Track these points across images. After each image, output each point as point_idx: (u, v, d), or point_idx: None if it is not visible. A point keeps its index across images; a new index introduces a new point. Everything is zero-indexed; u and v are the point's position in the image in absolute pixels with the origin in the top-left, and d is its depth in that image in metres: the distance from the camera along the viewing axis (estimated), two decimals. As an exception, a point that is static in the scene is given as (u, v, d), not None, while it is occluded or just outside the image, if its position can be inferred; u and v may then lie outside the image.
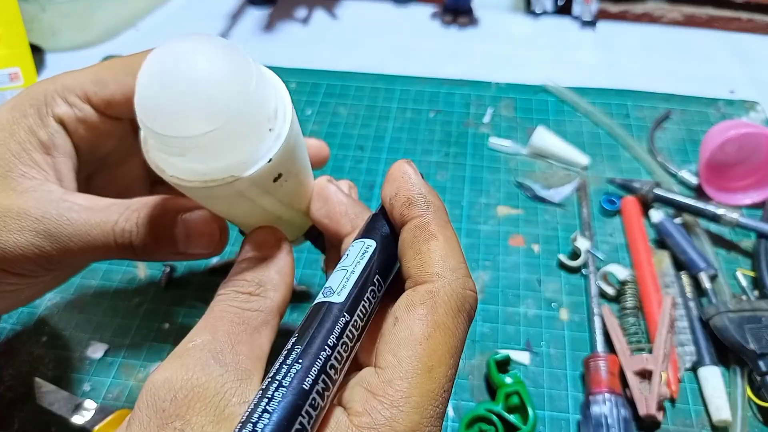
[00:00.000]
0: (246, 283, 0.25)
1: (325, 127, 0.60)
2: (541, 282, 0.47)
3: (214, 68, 0.22)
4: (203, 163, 0.23)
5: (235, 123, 0.22)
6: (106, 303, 0.45)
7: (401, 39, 0.72)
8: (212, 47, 0.22)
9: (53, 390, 0.39)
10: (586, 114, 0.60)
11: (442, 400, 0.21)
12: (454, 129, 0.59)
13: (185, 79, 0.21)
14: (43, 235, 0.27)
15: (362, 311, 0.23)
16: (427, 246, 0.23)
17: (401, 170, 0.25)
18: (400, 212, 0.24)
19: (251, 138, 0.23)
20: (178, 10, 0.77)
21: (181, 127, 0.22)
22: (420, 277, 0.23)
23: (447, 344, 0.22)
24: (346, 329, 0.22)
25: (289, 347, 0.21)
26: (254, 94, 0.22)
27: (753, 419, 0.39)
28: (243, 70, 0.22)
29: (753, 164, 0.52)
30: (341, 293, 0.22)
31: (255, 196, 0.25)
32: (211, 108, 0.21)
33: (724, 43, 0.71)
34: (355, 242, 0.25)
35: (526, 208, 0.52)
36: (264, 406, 0.19)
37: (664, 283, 0.45)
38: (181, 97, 0.21)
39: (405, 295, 0.23)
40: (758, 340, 0.39)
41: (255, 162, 0.23)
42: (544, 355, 0.42)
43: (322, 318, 0.22)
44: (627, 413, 0.37)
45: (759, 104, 0.61)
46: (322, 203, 0.28)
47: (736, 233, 0.49)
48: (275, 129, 0.24)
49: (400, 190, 0.25)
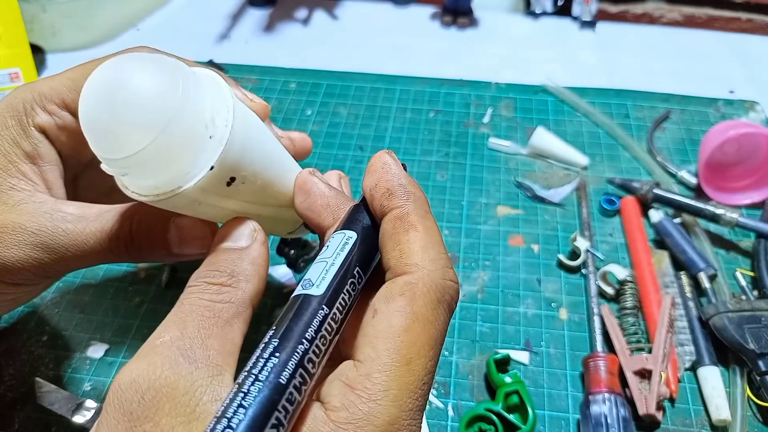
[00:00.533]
0: (217, 274, 0.24)
1: (325, 127, 0.60)
2: (540, 282, 0.47)
3: (138, 85, 0.22)
4: (149, 178, 0.23)
5: (168, 136, 0.22)
6: (107, 303, 0.45)
7: (401, 40, 0.72)
8: (137, 64, 0.22)
9: (54, 390, 0.39)
10: (585, 114, 0.61)
11: (421, 393, 0.21)
12: (454, 129, 0.60)
13: (113, 100, 0.22)
14: (41, 247, 0.27)
15: (341, 304, 0.22)
16: (407, 237, 0.23)
17: (381, 161, 0.25)
18: (380, 203, 0.24)
19: (190, 147, 0.23)
20: (179, 11, 0.77)
21: (116, 148, 0.22)
22: (399, 268, 0.22)
23: (426, 336, 0.21)
24: (324, 322, 0.21)
25: (266, 340, 0.21)
26: (184, 104, 0.22)
27: (752, 419, 0.39)
28: (168, 82, 0.22)
29: (752, 164, 0.52)
30: (320, 285, 0.22)
31: (215, 202, 0.25)
32: (140, 125, 0.22)
33: (724, 44, 0.71)
34: (335, 234, 0.24)
35: (525, 208, 0.52)
36: (239, 400, 0.19)
37: (664, 283, 0.45)
38: (111, 119, 0.22)
39: (384, 287, 0.23)
40: (757, 340, 0.39)
41: (198, 171, 0.23)
42: (543, 355, 0.42)
43: (300, 310, 0.21)
44: (626, 413, 0.37)
45: (758, 104, 0.61)
46: (304, 196, 0.28)
47: (735, 233, 0.49)
48: (215, 135, 0.24)
49: (380, 181, 0.25)
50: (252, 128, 0.26)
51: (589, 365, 0.39)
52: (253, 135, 0.26)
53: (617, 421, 0.36)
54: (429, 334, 0.21)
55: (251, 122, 0.26)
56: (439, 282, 0.22)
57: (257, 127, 0.27)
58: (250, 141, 0.26)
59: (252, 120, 0.26)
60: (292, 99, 0.63)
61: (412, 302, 0.21)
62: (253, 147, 0.26)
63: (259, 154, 0.27)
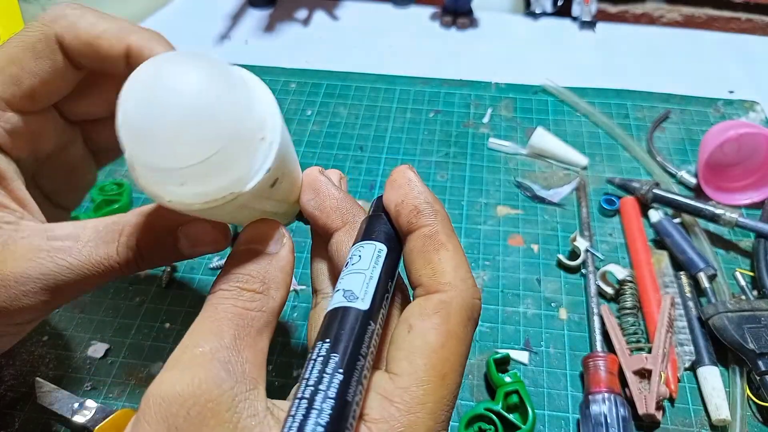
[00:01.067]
0: (251, 279, 0.24)
1: (325, 127, 0.60)
2: (540, 282, 0.47)
3: (202, 91, 0.20)
4: (202, 186, 0.22)
5: (232, 143, 0.21)
6: (107, 302, 0.45)
7: (401, 40, 0.72)
8: (195, 67, 0.21)
9: (54, 389, 0.39)
10: (585, 114, 0.61)
11: (452, 405, 0.22)
12: (453, 129, 0.60)
13: (175, 106, 0.20)
14: (48, 290, 0.26)
15: (382, 317, 0.23)
16: (438, 255, 0.23)
17: (406, 177, 0.25)
18: (408, 220, 0.25)
19: (247, 152, 0.23)
20: (180, 11, 0.77)
21: (177, 158, 0.21)
22: (432, 286, 0.23)
23: (458, 352, 0.22)
24: (372, 337, 0.22)
25: (325, 354, 0.20)
26: (245, 109, 0.22)
27: (752, 418, 0.39)
28: (231, 87, 0.21)
29: (752, 164, 0.52)
30: (365, 299, 0.22)
31: (255, 204, 0.25)
32: (207, 133, 0.21)
33: (724, 44, 0.71)
34: (364, 243, 0.24)
35: (525, 208, 0.52)
36: (315, 418, 0.19)
37: (663, 282, 0.45)
38: (174, 126, 0.20)
39: (417, 303, 0.23)
40: (757, 340, 0.39)
41: (253, 175, 0.23)
42: (543, 355, 0.42)
43: (353, 325, 0.21)
44: (626, 412, 0.37)
45: (758, 104, 0.61)
46: (313, 194, 0.27)
47: (735, 233, 0.49)
48: (267, 137, 0.23)
49: (407, 198, 0.25)
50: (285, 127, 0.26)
51: (589, 365, 0.40)
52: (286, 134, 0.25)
53: (617, 420, 0.36)
54: (460, 350, 0.22)
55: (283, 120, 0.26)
56: (469, 301, 0.23)
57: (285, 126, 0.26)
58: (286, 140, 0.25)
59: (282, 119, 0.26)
60: (293, 99, 0.63)
61: (447, 320, 0.22)
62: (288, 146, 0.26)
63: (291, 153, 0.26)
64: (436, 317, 0.22)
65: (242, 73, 0.24)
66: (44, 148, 0.31)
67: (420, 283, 0.24)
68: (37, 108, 0.29)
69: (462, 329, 0.22)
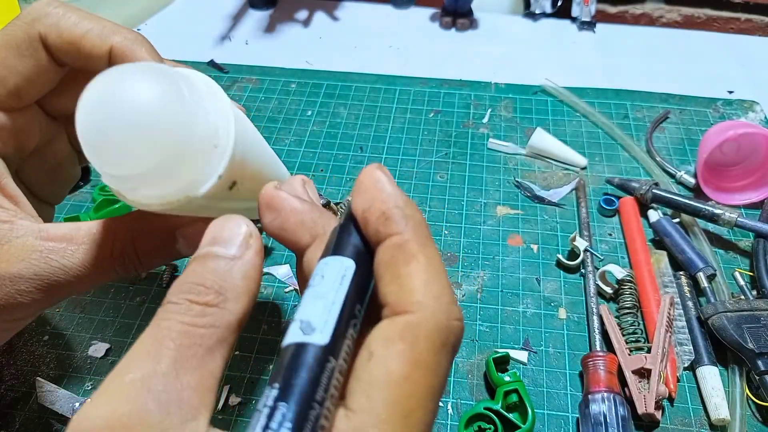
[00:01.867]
0: (203, 290, 0.20)
1: (325, 127, 0.60)
2: (539, 281, 0.47)
3: (147, 103, 0.21)
4: (157, 189, 0.24)
5: (179, 151, 0.22)
6: (108, 302, 0.46)
7: (401, 41, 0.72)
8: (138, 76, 0.22)
9: (54, 389, 0.39)
10: (584, 114, 0.61)
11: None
12: (453, 129, 0.60)
13: (120, 117, 0.21)
14: (41, 289, 0.27)
15: (347, 351, 0.20)
16: (407, 269, 0.20)
17: (373, 178, 0.22)
18: (375, 228, 0.21)
19: (198, 159, 0.23)
20: (181, 12, 0.77)
21: (127, 166, 0.22)
22: (399, 305, 0.20)
23: (427, 385, 0.19)
24: (332, 377, 0.19)
25: (272, 404, 0.18)
26: (193, 119, 0.22)
27: (751, 418, 0.39)
28: (179, 98, 0.22)
29: (751, 164, 0.52)
30: (324, 331, 0.19)
31: (216, 204, 0.26)
32: (150, 144, 0.21)
33: (723, 44, 0.71)
34: (329, 260, 0.21)
35: (525, 208, 0.52)
36: None
37: (663, 282, 0.45)
38: (119, 137, 0.21)
39: (381, 327, 0.20)
40: (756, 340, 0.39)
41: (205, 180, 0.24)
42: (542, 354, 0.42)
43: (306, 365, 0.18)
44: (625, 412, 0.37)
45: (758, 104, 0.61)
46: (273, 214, 0.24)
47: (734, 233, 0.50)
48: (220, 144, 0.24)
49: (374, 202, 0.21)
50: (246, 131, 0.26)
51: (588, 364, 0.40)
52: (248, 138, 0.26)
53: (616, 420, 0.36)
54: (430, 383, 0.19)
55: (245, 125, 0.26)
56: (443, 323, 0.19)
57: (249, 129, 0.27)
58: (247, 145, 0.26)
59: (243, 121, 0.26)
60: (293, 99, 0.63)
61: (413, 347, 0.19)
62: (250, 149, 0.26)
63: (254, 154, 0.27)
64: (401, 343, 0.19)
65: (201, 85, 0.25)
66: (29, 144, 0.31)
67: (386, 302, 0.20)
68: (22, 105, 0.30)
69: (432, 357, 0.19)
